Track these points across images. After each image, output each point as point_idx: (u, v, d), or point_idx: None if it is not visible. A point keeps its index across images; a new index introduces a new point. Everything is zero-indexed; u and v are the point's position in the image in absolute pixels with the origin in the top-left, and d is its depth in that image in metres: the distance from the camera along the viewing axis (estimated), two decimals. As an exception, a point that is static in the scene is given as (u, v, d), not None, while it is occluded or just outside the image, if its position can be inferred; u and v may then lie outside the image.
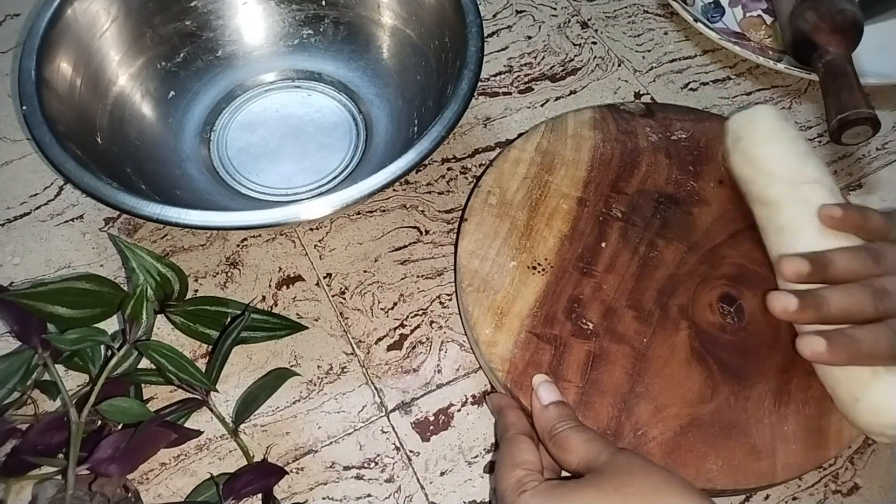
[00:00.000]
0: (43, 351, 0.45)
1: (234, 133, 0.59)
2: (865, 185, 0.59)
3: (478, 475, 0.46)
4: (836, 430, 0.44)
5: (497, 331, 0.46)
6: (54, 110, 0.49)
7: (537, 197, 0.52)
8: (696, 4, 0.66)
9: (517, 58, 0.65)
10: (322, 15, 0.62)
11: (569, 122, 0.55)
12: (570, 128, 0.55)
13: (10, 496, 0.43)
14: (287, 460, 0.46)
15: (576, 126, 0.55)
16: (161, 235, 0.55)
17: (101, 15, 0.55)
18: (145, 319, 0.44)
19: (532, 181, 0.52)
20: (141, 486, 0.45)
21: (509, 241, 0.50)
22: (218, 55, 0.61)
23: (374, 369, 0.49)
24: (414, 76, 0.58)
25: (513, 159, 0.53)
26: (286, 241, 0.55)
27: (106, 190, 0.46)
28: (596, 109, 0.56)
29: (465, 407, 0.48)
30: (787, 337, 0.47)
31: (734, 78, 0.64)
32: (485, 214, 0.51)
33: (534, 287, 0.48)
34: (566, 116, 0.56)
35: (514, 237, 0.50)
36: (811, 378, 0.45)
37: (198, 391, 0.45)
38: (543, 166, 0.53)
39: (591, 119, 0.56)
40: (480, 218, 0.51)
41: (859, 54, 0.54)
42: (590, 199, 0.52)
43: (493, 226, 0.50)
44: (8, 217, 0.56)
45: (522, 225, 0.50)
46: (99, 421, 0.44)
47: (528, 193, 0.52)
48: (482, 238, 0.50)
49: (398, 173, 0.46)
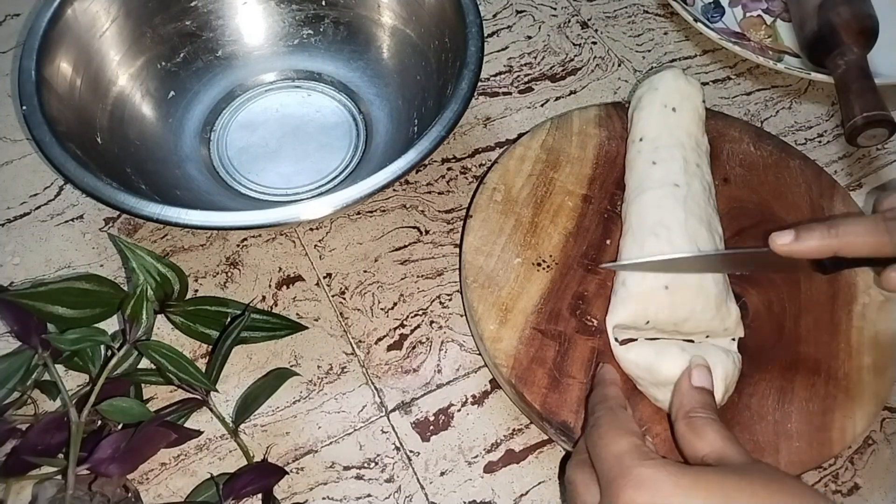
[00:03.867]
0: (43, 351, 0.45)
1: (234, 133, 0.59)
2: (865, 184, 0.59)
3: (478, 475, 0.46)
4: (839, 428, 0.44)
5: (501, 327, 0.46)
6: (54, 110, 0.49)
7: (542, 194, 0.52)
8: (696, 4, 0.66)
9: (517, 58, 0.65)
10: (322, 15, 0.62)
11: (574, 120, 0.55)
12: (575, 125, 0.55)
13: (10, 496, 0.43)
14: (287, 460, 0.46)
15: (581, 124, 0.55)
16: (161, 235, 0.55)
17: (101, 15, 0.55)
18: (145, 319, 0.44)
19: (537, 178, 0.52)
20: (141, 486, 0.45)
21: (514, 238, 0.50)
22: (218, 55, 0.61)
23: (374, 369, 0.49)
24: (414, 76, 0.58)
25: (518, 156, 0.53)
26: (286, 241, 0.55)
27: (106, 190, 0.46)
28: (601, 107, 0.56)
29: (465, 407, 0.48)
30: (792, 335, 0.47)
31: (734, 78, 0.64)
32: (490, 211, 0.51)
33: (538, 283, 0.48)
34: (572, 114, 0.56)
35: (519, 234, 0.50)
36: (815, 376, 0.45)
37: (198, 391, 0.45)
38: (549, 163, 0.53)
39: (596, 117, 0.56)
40: (486, 214, 0.51)
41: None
42: (595, 197, 0.52)
43: (498, 222, 0.50)
44: (8, 217, 0.56)
45: (527, 222, 0.51)
46: (99, 421, 0.44)
47: (534, 190, 0.52)
48: (487, 234, 0.50)
49: (398, 173, 0.46)
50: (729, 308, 0.44)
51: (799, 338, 0.47)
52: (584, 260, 0.49)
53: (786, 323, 0.47)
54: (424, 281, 0.53)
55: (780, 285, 0.48)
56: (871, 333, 0.47)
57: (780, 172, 0.54)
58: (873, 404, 0.45)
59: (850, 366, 0.46)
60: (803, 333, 0.47)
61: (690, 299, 0.43)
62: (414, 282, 0.53)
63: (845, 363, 0.46)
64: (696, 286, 0.43)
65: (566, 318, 0.47)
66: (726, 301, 0.44)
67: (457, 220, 0.55)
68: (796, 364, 0.46)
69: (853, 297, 0.48)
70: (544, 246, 0.50)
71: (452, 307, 0.52)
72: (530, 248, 0.49)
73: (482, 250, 0.49)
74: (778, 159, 0.54)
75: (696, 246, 0.45)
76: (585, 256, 0.49)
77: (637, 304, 0.44)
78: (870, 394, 0.45)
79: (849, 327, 0.47)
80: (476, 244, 0.49)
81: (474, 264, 0.49)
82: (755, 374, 0.45)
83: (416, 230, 0.55)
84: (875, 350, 0.46)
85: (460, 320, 0.51)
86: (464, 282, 0.48)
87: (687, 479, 0.33)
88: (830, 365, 0.46)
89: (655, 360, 0.42)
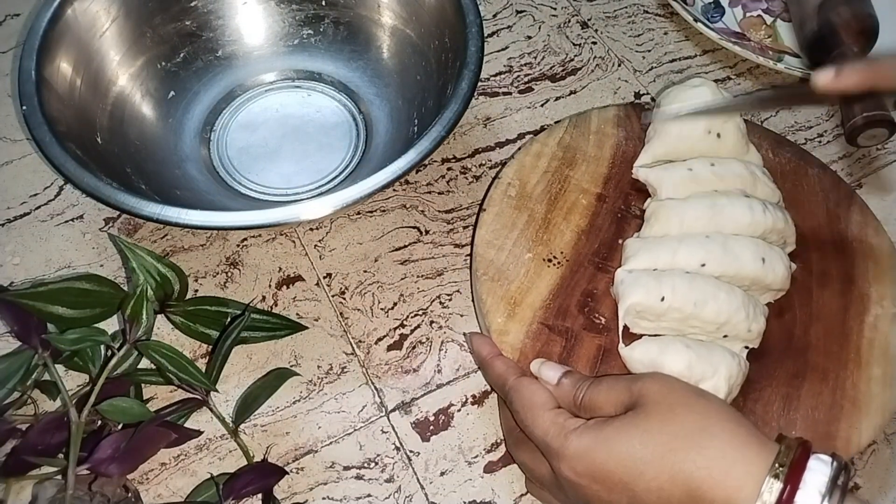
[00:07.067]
0: (43, 351, 0.45)
1: (234, 133, 0.59)
2: (866, 184, 0.59)
3: (478, 475, 0.46)
4: (844, 438, 0.43)
5: (509, 320, 0.46)
6: (54, 110, 0.49)
7: (557, 191, 0.52)
8: (696, 4, 0.66)
9: (517, 58, 0.65)
10: (322, 15, 0.62)
11: (592, 119, 0.55)
12: (593, 124, 0.55)
13: (10, 496, 0.43)
14: (287, 460, 0.46)
15: (599, 123, 0.55)
16: (161, 235, 0.55)
17: (101, 15, 0.55)
18: (145, 319, 0.44)
19: (552, 175, 0.52)
20: (141, 486, 0.45)
21: (526, 233, 0.50)
22: (218, 55, 0.61)
23: (374, 369, 0.49)
24: (414, 76, 0.58)
25: (534, 153, 0.53)
26: (286, 241, 0.55)
27: (106, 190, 0.46)
28: (620, 107, 0.56)
29: (465, 407, 0.48)
30: (801, 343, 0.47)
31: (734, 78, 0.64)
32: (503, 205, 0.51)
33: (548, 279, 0.48)
34: (590, 113, 0.56)
35: (532, 229, 0.50)
36: (822, 385, 0.45)
37: (198, 391, 0.45)
38: (565, 161, 0.53)
39: (614, 116, 0.56)
40: (499, 209, 0.51)
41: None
42: (609, 196, 0.52)
43: (511, 217, 0.50)
44: (8, 217, 0.56)
45: (540, 218, 0.51)
46: (99, 421, 0.44)
47: (548, 187, 0.52)
48: (500, 228, 0.50)
49: (398, 173, 0.46)
50: (756, 311, 0.45)
51: (808, 346, 0.47)
52: (595, 258, 0.49)
53: (795, 330, 0.47)
54: (424, 281, 0.53)
55: (791, 293, 0.48)
56: (881, 345, 0.47)
57: (798, 181, 0.53)
58: (880, 416, 0.44)
59: (859, 376, 0.45)
60: (813, 341, 0.47)
61: (713, 284, 0.44)
62: (414, 282, 0.53)
63: (854, 373, 0.45)
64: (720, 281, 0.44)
65: (574, 315, 0.47)
66: (757, 304, 0.45)
67: (457, 220, 0.55)
68: (804, 372, 0.45)
69: (866, 308, 0.48)
70: (556, 242, 0.50)
71: (452, 307, 0.52)
72: (542, 244, 0.49)
73: (494, 244, 0.49)
74: (796, 167, 0.54)
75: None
76: (597, 255, 0.49)
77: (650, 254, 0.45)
78: (877, 405, 0.44)
79: (860, 338, 0.47)
80: (488, 237, 0.49)
81: (485, 257, 0.49)
82: (762, 379, 0.45)
83: (416, 230, 0.55)
84: (885, 361, 0.46)
85: (460, 320, 0.51)
86: (474, 274, 0.48)
87: (606, 431, 0.36)
88: (839, 374, 0.45)
89: (658, 356, 0.42)
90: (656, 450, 0.35)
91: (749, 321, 0.44)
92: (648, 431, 0.35)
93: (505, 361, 0.44)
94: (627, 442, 0.35)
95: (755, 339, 0.45)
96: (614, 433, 0.36)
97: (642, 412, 0.36)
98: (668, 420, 0.35)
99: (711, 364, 0.42)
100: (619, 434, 0.36)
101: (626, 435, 0.36)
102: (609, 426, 0.36)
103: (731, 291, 0.44)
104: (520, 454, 0.43)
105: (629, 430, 0.36)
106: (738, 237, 0.46)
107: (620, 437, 0.36)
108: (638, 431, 0.35)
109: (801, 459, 0.33)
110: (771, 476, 0.32)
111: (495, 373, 0.43)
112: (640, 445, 0.35)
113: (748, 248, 0.45)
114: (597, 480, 0.36)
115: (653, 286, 0.44)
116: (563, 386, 0.41)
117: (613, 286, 0.46)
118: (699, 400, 0.36)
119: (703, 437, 0.34)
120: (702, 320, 0.44)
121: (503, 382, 0.42)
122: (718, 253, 0.45)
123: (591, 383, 0.40)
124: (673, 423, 0.35)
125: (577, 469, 0.36)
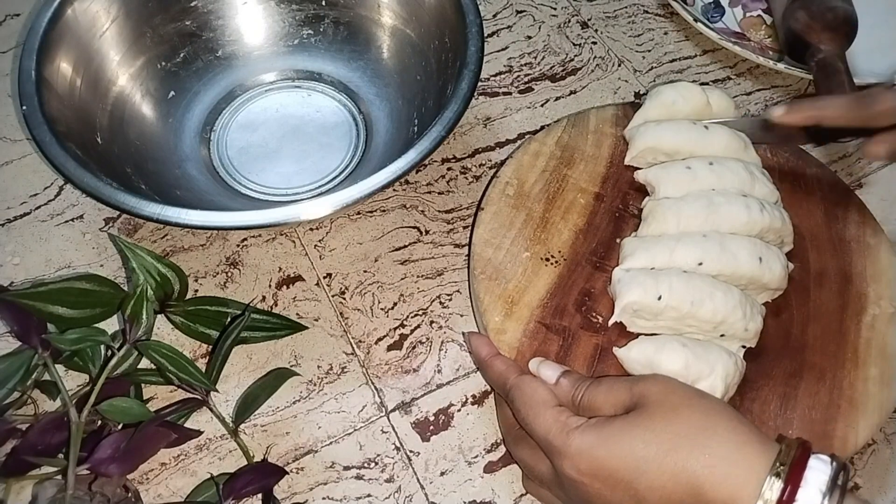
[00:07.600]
0: (43, 351, 0.45)
1: (234, 133, 0.59)
2: (865, 184, 0.59)
3: (478, 475, 0.46)
4: (841, 437, 0.43)
5: (507, 319, 0.46)
6: (54, 110, 0.49)
7: (555, 190, 0.52)
8: (696, 4, 0.66)
9: (517, 58, 0.65)
10: (322, 15, 0.62)
11: (591, 118, 0.55)
12: (591, 123, 0.55)
13: (10, 496, 0.43)
14: (287, 460, 0.46)
15: (598, 122, 0.55)
16: (161, 235, 0.55)
17: (101, 15, 0.55)
18: (145, 319, 0.44)
19: (551, 174, 0.53)
20: (141, 486, 0.45)
21: (524, 232, 0.50)
22: (218, 55, 0.61)
23: (374, 369, 0.49)
24: (414, 76, 0.58)
25: (533, 152, 0.53)
26: (286, 241, 0.55)
27: (106, 190, 0.46)
28: (619, 107, 0.56)
29: (465, 407, 0.48)
30: (798, 342, 0.47)
31: (734, 78, 0.64)
32: (501, 204, 0.51)
33: (546, 278, 0.48)
34: (588, 112, 0.56)
35: (529, 228, 0.50)
36: (819, 384, 0.45)
37: (198, 391, 0.45)
38: (563, 160, 0.53)
39: (613, 116, 0.56)
40: (497, 208, 0.51)
41: (855, 53, 0.54)
42: (607, 195, 0.52)
43: (508, 216, 0.50)
44: (8, 217, 0.56)
45: (538, 217, 0.51)
46: (99, 421, 0.44)
47: (546, 186, 0.52)
48: (497, 227, 0.50)
49: (398, 173, 0.46)
50: (754, 311, 0.45)
51: (805, 345, 0.47)
52: (592, 257, 0.49)
53: (793, 330, 0.47)
54: (424, 281, 0.53)
55: (788, 292, 0.48)
56: (879, 344, 0.47)
57: (797, 180, 0.53)
58: (877, 415, 0.44)
59: (856, 376, 0.45)
60: (810, 341, 0.47)
61: (710, 283, 0.44)
62: (414, 282, 0.53)
63: (851, 373, 0.46)
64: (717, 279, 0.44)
65: (571, 314, 0.47)
66: (754, 304, 0.45)
67: (457, 220, 0.55)
68: (801, 371, 0.46)
69: (863, 308, 0.48)
70: (554, 241, 0.50)
71: (452, 307, 0.52)
72: (539, 243, 0.49)
73: (491, 242, 0.49)
74: (795, 166, 0.54)
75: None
76: (594, 254, 0.49)
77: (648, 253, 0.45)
78: (874, 405, 0.45)
79: (857, 337, 0.47)
80: (486, 236, 0.49)
81: (483, 256, 0.49)
82: (759, 379, 0.45)
83: (416, 230, 0.55)
84: (882, 361, 0.46)
85: (460, 320, 0.51)
86: (471, 273, 0.48)
87: (608, 430, 0.36)
88: (836, 374, 0.45)
89: (655, 355, 0.43)
90: (659, 448, 0.35)
91: (746, 320, 0.44)
92: (651, 430, 0.35)
93: (504, 360, 0.44)
94: (630, 440, 0.35)
95: (752, 338, 0.45)
96: (617, 431, 0.36)
97: (645, 412, 0.36)
98: (670, 420, 0.35)
99: (708, 363, 0.42)
100: (622, 432, 0.36)
101: (629, 433, 0.36)
102: (612, 425, 0.37)
103: (729, 290, 0.44)
104: (519, 451, 0.43)
105: (632, 428, 0.36)
106: (735, 236, 0.46)
107: (623, 436, 0.36)
108: (640, 430, 0.36)
109: (802, 459, 0.33)
110: (772, 475, 0.33)
111: (495, 372, 0.43)
112: (642, 444, 0.35)
113: (745, 247, 0.45)
114: (599, 479, 0.36)
115: (650, 285, 0.44)
116: (561, 386, 0.41)
117: (611, 285, 0.46)
118: (701, 401, 0.37)
119: (705, 436, 0.35)
120: (699, 319, 0.44)
121: (504, 381, 0.42)
122: (715, 252, 0.45)
123: (591, 384, 0.40)
124: (676, 422, 0.35)
125: (579, 467, 0.36)
